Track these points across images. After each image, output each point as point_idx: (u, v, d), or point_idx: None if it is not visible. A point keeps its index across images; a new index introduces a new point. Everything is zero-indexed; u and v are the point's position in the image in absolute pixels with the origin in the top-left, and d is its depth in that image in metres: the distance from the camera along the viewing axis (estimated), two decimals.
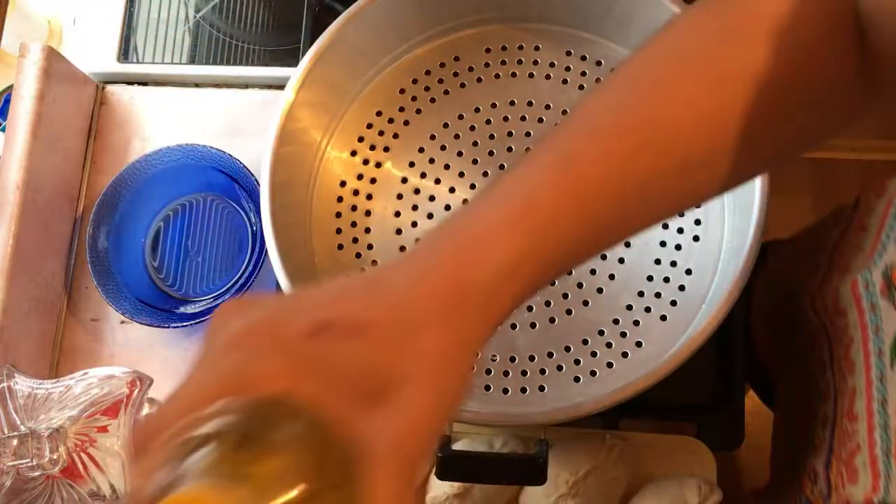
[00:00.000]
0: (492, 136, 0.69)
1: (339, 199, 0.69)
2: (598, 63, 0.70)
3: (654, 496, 0.63)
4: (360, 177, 0.70)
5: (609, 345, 0.63)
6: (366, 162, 0.70)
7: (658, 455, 0.66)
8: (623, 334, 0.64)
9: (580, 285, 0.65)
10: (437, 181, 0.69)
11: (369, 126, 0.71)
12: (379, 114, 0.71)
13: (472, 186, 0.68)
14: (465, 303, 0.27)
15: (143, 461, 0.27)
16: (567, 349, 0.64)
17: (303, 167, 0.68)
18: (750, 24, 0.36)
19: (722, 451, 0.66)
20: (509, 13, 0.70)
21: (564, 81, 0.70)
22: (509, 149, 0.69)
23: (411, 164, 0.69)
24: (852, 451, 0.55)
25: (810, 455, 0.60)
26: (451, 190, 0.68)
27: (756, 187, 0.58)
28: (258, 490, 0.25)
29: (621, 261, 0.65)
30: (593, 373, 0.63)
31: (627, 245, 0.65)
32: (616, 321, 0.64)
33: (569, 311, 0.65)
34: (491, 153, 0.69)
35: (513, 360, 0.64)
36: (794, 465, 0.63)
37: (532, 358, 0.64)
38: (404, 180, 0.69)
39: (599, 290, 0.65)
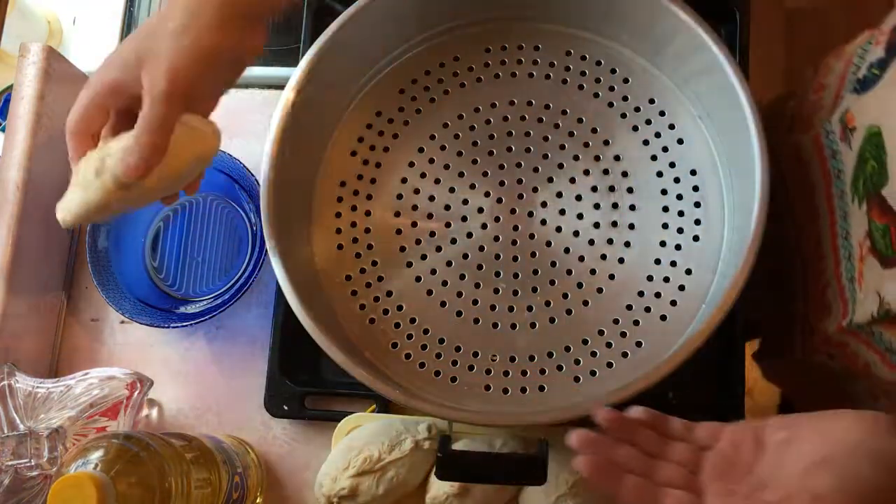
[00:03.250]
0: (492, 137, 0.69)
1: (339, 200, 0.69)
2: (598, 63, 0.70)
3: None
4: (360, 177, 0.70)
5: (609, 345, 0.63)
6: (366, 162, 0.70)
7: None
8: (623, 334, 0.64)
9: (580, 285, 0.65)
10: (437, 181, 0.69)
11: (369, 126, 0.70)
12: (379, 114, 0.71)
13: (472, 186, 0.68)
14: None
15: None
16: (567, 349, 0.64)
17: (303, 167, 0.68)
18: None
19: None
20: (509, 13, 0.70)
21: (564, 81, 0.70)
22: (509, 149, 0.68)
23: (411, 164, 0.69)
24: (823, 288, 0.64)
25: (789, 303, 0.68)
26: (451, 190, 0.68)
27: (756, 187, 0.58)
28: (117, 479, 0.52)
29: (621, 261, 0.65)
30: (593, 373, 0.63)
31: (627, 245, 0.65)
32: (616, 321, 0.64)
33: (569, 311, 0.65)
34: (491, 153, 0.69)
35: (512, 360, 0.64)
36: (780, 319, 0.70)
37: (532, 358, 0.64)
38: (404, 180, 0.69)
39: (599, 290, 0.65)
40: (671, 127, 0.68)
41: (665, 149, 0.67)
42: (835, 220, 0.63)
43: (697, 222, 0.65)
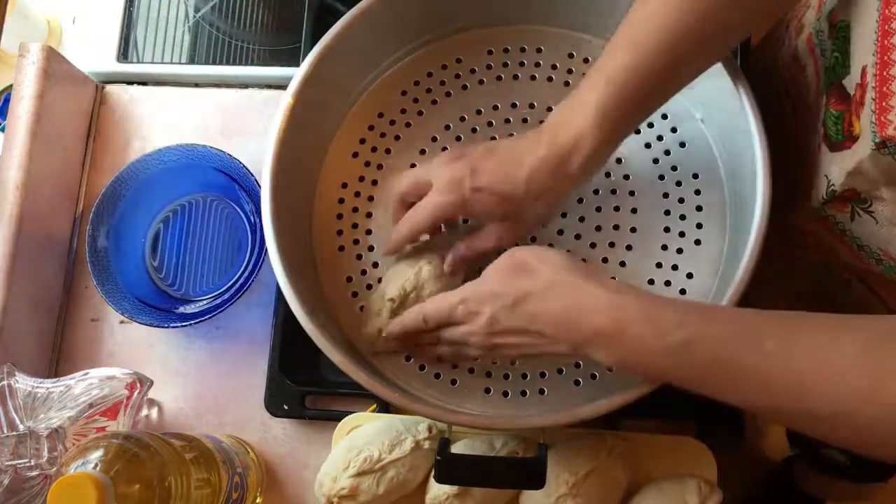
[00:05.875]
0: (493, 139, 0.69)
1: (341, 201, 0.69)
2: None
3: (654, 496, 0.63)
4: (361, 178, 0.70)
5: None
6: (367, 164, 0.70)
7: (658, 455, 0.66)
8: None
9: None
10: None
11: (371, 128, 0.70)
12: (380, 115, 0.71)
13: None
14: None
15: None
16: None
17: (304, 169, 0.68)
18: None
19: (722, 451, 0.66)
20: (512, 15, 0.70)
21: (566, 84, 0.70)
22: None
23: (413, 166, 0.69)
24: (809, 183, 0.63)
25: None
26: None
27: (758, 190, 0.58)
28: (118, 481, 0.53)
29: (622, 264, 0.65)
30: (593, 376, 0.63)
31: (629, 248, 0.65)
32: None
33: None
34: None
35: (513, 363, 0.64)
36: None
37: None
38: None
39: None
40: (673, 130, 0.68)
41: (667, 152, 0.67)
42: (821, 115, 0.64)
43: (699, 226, 0.65)
